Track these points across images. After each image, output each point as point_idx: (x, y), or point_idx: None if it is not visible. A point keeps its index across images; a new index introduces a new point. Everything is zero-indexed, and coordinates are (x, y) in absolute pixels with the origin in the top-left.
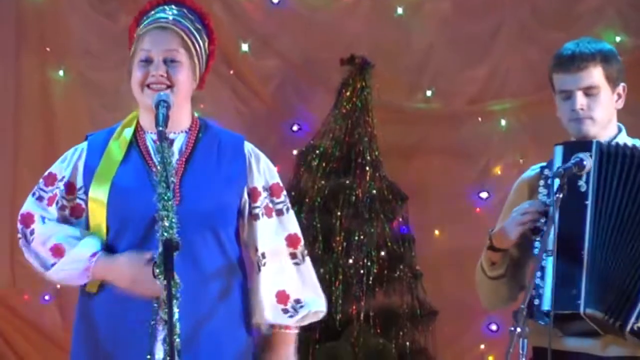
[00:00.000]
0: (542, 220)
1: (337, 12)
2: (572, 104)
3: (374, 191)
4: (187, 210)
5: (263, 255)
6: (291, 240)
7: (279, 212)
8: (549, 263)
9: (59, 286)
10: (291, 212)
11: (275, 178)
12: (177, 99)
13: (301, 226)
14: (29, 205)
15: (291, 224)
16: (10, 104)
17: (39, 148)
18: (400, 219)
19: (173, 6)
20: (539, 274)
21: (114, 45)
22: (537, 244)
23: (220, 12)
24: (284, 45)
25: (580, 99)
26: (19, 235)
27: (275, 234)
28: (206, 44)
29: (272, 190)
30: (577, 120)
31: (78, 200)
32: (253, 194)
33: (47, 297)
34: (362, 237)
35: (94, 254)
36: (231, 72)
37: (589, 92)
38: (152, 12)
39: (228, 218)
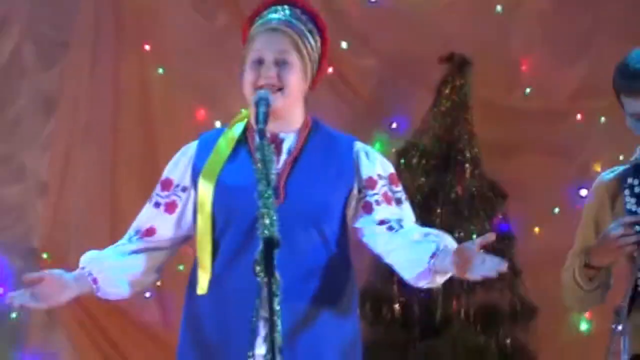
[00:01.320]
0: (638, 229)
1: (435, 9)
2: None
3: (474, 189)
4: (291, 209)
5: (396, 221)
6: None
7: (398, 201)
8: None
9: (159, 283)
10: (408, 203)
11: (391, 168)
12: (288, 100)
13: None
14: (146, 213)
15: (410, 211)
16: (109, 102)
17: (138, 147)
18: (500, 217)
19: (285, 7)
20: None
21: (213, 43)
22: (635, 252)
23: (320, 11)
24: (383, 44)
25: None
26: None
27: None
28: (319, 45)
29: (390, 179)
30: None
31: (173, 197)
32: (369, 183)
33: (147, 294)
34: (462, 234)
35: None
36: (330, 70)
37: None
38: (265, 13)
39: (334, 215)
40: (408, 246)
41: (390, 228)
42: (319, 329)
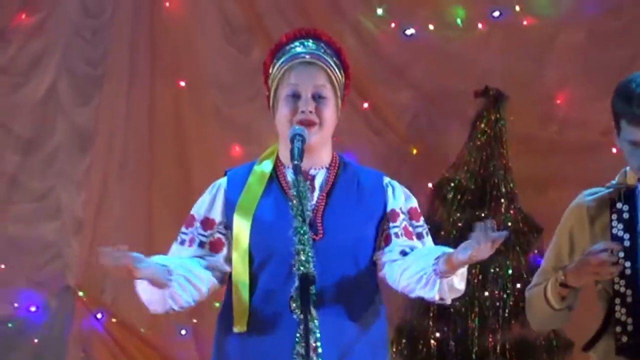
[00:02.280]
0: (621, 255)
1: (470, 43)
2: None
3: (509, 223)
4: (329, 244)
5: (410, 248)
6: None
7: (419, 235)
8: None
9: (195, 320)
10: (430, 237)
11: (413, 203)
12: (324, 136)
13: None
14: (171, 250)
15: (431, 245)
16: (144, 137)
17: (174, 180)
18: (536, 251)
19: (310, 40)
20: (623, 310)
21: (247, 78)
22: (615, 278)
23: (354, 45)
24: (418, 77)
25: None
26: None
27: None
28: (343, 79)
29: (410, 214)
30: None
31: (217, 235)
32: (391, 215)
33: (183, 332)
34: (497, 269)
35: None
36: (365, 105)
37: None
38: (289, 47)
39: (368, 246)
40: (416, 259)
41: (404, 253)
42: None
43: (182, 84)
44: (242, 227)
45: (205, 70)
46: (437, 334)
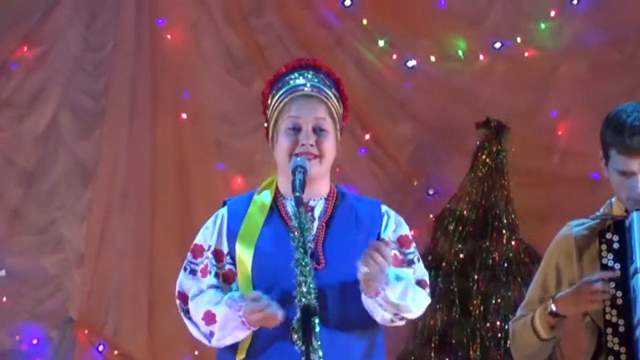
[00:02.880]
0: (612, 285)
1: (471, 75)
2: (634, 186)
3: (511, 254)
4: (332, 273)
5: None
6: (423, 284)
7: (410, 262)
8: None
9: (196, 352)
10: (421, 263)
11: (404, 230)
12: (323, 168)
13: (438, 290)
14: (182, 281)
15: (421, 271)
16: (145, 170)
17: (175, 212)
18: None
19: (310, 71)
20: (616, 339)
21: (249, 110)
22: (606, 308)
23: (355, 76)
24: (419, 109)
25: None
26: (180, 312)
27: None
28: (341, 112)
29: (400, 242)
30: (638, 202)
31: (228, 266)
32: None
33: None
34: (499, 300)
35: (238, 308)
36: (367, 136)
37: None
38: (288, 77)
39: None
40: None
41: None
42: None
43: (184, 116)
44: (244, 257)
45: (207, 102)
46: None
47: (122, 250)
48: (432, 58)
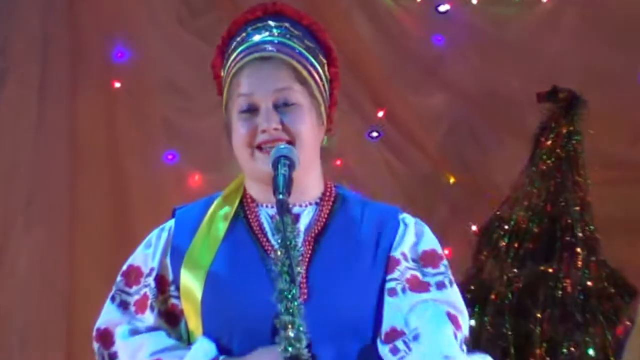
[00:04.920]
0: None
1: (531, 24)
2: None
3: (589, 283)
4: (318, 308)
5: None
6: (455, 322)
7: (440, 285)
8: None
9: None
10: (455, 287)
11: (429, 244)
12: (302, 158)
13: (486, 333)
14: (107, 315)
15: (454, 296)
16: (63, 160)
17: (104, 225)
18: (628, 322)
19: (270, 22)
20: None
21: (211, 78)
22: None
23: (362, 27)
24: (456, 74)
25: None
26: (97, 357)
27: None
28: (325, 68)
29: (424, 259)
30: None
31: (173, 300)
32: (389, 265)
33: None
34: (573, 348)
35: None
36: (380, 113)
37: None
38: (240, 38)
39: (374, 311)
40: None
41: (395, 350)
42: None
43: (117, 85)
44: (192, 287)
45: (151, 65)
46: None
47: (27, 279)
48: (474, 0)
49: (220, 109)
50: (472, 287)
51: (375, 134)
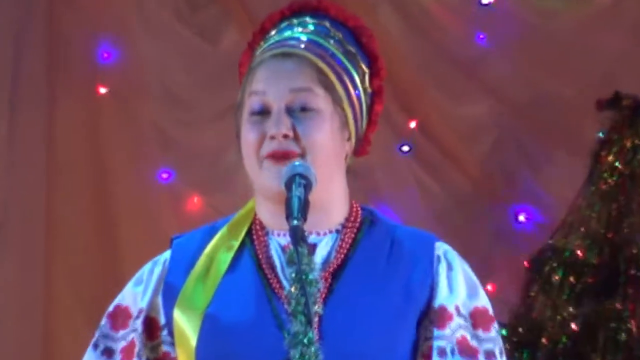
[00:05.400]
0: None
1: (587, 20)
2: None
3: None
4: (334, 355)
5: None
6: None
7: (489, 355)
8: None
9: None
10: (505, 358)
11: (481, 299)
12: (317, 174)
13: None
14: None
15: None
16: (39, 177)
17: (87, 252)
18: None
19: (308, 18)
20: None
21: (215, 83)
22: None
23: (390, 22)
24: (501, 78)
25: None
26: None
27: None
28: (366, 78)
29: (475, 317)
30: None
31: (165, 348)
32: (439, 317)
33: None
34: None
35: None
36: (412, 124)
37: None
38: (273, 32)
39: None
40: None
41: None
42: None
43: (103, 90)
44: (186, 330)
45: (144, 67)
46: None
47: None
48: None
49: (224, 119)
50: (521, 329)
51: (406, 148)
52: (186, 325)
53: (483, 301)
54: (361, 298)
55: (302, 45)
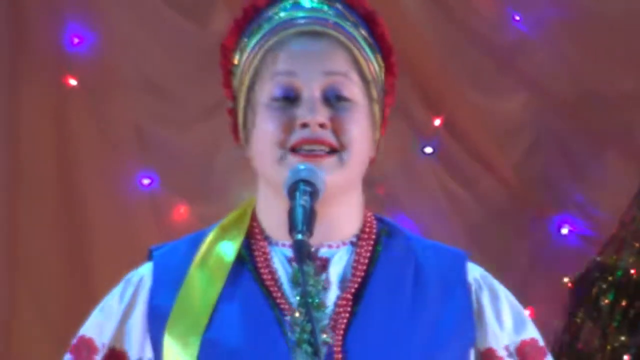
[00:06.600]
0: None
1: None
2: None
3: None
4: None
5: None
6: None
7: None
8: None
9: None
10: None
11: (528, 329)
12: (350, 175)
13: None
14: None
15: None
16: (1, 184)
17: (52, 265)
18: None
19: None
20: None
21: (204, 73)
22: None
23: (413, 7)
24: (542, 69)
25: None
26: None
27: None
28: (382, 66)
29: (522, 353)
30: None
31: None
32: (487, 358)
33: None
34: None
35: None
36: (437, 121)
37: None
38: (271, 13)
39: None
40: None
41: None
42: None
43: (73, 82)
44: (179, 358)
45: (121, 55)
46: None
47: None
48: None
49: (214, 116)
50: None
51: (429, 150)
52: (180, 354)
53: (531, 332)
54: (387, 325)
55: (325, 24)
